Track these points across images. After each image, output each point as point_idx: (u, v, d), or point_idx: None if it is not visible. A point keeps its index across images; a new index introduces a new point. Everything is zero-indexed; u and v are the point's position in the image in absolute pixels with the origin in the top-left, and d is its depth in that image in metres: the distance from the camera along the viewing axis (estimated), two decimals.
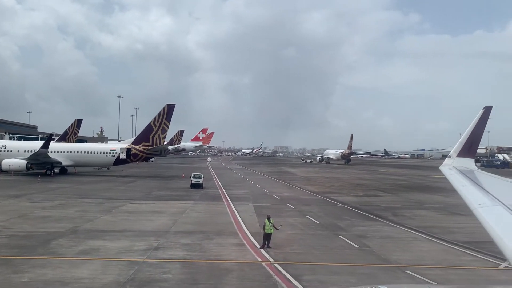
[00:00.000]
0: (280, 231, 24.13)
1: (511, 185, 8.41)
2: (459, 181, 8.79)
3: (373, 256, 19.05)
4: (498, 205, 6.44)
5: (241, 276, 15.48)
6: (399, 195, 46.42)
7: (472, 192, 7.65)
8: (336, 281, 15.24)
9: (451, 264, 18.13)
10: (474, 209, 6.58)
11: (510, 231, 5.39)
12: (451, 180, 9.20)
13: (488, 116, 11.23)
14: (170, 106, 68.59)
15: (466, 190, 7.95)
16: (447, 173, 9.98)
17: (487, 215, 6.13)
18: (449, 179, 9.39)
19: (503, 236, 5.25)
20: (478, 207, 6.54)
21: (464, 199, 7.43)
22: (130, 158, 68.30)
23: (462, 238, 23.54)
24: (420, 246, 21.54)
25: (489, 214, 6.14)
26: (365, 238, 22.87)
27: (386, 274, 16.36)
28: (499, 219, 5.87)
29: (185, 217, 28.80)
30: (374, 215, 31.48)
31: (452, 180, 9.16)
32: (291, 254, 19.12)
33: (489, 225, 5.78)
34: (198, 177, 48.89)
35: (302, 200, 40.60)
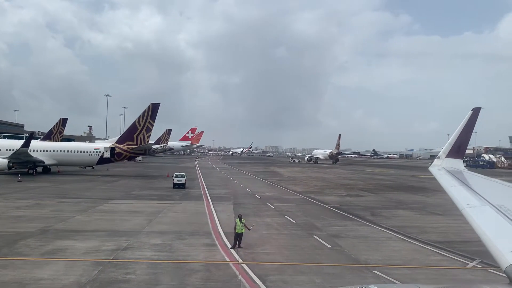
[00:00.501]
0: (254, 231, 24.05)
1: (499, 185, 8.48)
2: (448, 182, 8.84)
3: (343, 256, 19.02)
4: (486, 205, 6.51)
5: (206, 277, 15.30)
6: (381, 195, 46.63)
7: (460, 193, 7.67)
8: (301, 281, 15.14)
9: (420, 263, 18.16)
10: (463, 209, 6.63)
11: (497, 231, 5.44)
12: (440, 181, 9.24)
13: (476, 117, 11.31)
14: (154, 105, 68.05)
15: (454, 190, 7.97)
16: (436, 173, 10.03)
17: (475, 215, 6.18)
18: (438, 179, 9.46)
19: (491, 236, 5.29)
20: (467, 207, 6.58)
21: (453, 199, 7.44)
22: (114, 157, 67.60)
23: (435, 238, 23.65)
24: (392, 246, 21.58)
25: (477, 214, 6.19)
26: (338, 238, 22.85)
27: (353, 274, 16.32)
28: (487, 219, 5.92)
29: (162, 217, 28.51)
30: (352, 214, 31.52)
31: (441, 180, 9.20)
32: (261, 254, 18.99)
33: (477, 225, 5.82)
34: (181, 176, 48.54)
35: (284, 199, 40.53)
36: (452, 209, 34.08)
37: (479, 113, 11.33)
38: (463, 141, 11.22)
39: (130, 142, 67.57)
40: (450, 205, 31.45)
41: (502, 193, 7.91)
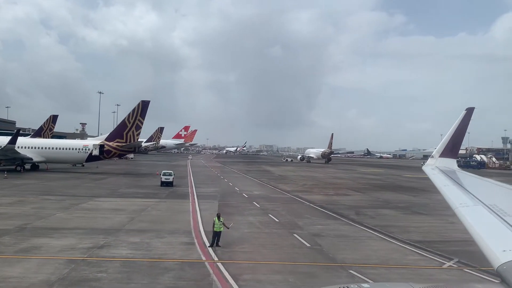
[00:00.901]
0: (235, 230, 23.97)
1: (491, 185, 8.56)
2: (441, 181, 8.89)
3: (321, 255, 18.94)
4: (479, 205, 6.54)
5: (178, 276, 15.14)
6: (368, 194, 46.69)
7: (453, 192, 7.74)
8: (274, 281, 15.03)
9: (396, 263, 18.13)
10: (456, 209, 6.69)
11: (489, 231, 5.47)
12: (434, 180, 9.28)
13: (470, 117, 11.37)
14: (144, 103, 67.67)
15: (448, 189, 8.01)
16: (429, 173, 10.10)
17: (468, 215, 6.22)
18: (432, 178, 9.51)
19: (483, 235, 5.31)
20: (460, 207, 6.64)
21: (446, 198, 7.53)
22: (103, 155, 67.15)
23: (416, 237, 23.66)
24: (371, 245, 21.54)
25: (470, 214, 6.24)
26: (319, 237, 22.78)
27: (328, 273, 16.25)
28: (480, 219, 5.95)
29: (144, 215, 28.29)
30: (337, 213, 31.50)
31: (435, 180, 9.25)
32: (238, 253, 18.87)
33: (469, 225, 5.84)
34: (168, 174, 48.25)
35: (270, 198, 40.44)
36: (436, 208, 34.66)
37: (473, 113, 11.40)
38: (457, 141, 11.31)
39: (119, 139, 67.14)
40: (435, 205, 32.06)
41: (495, 192, 8.00)
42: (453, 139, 11.17)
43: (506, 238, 5.03)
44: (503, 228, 5.33)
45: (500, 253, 4.57)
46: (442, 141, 11.48)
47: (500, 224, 5.49)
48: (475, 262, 18.47)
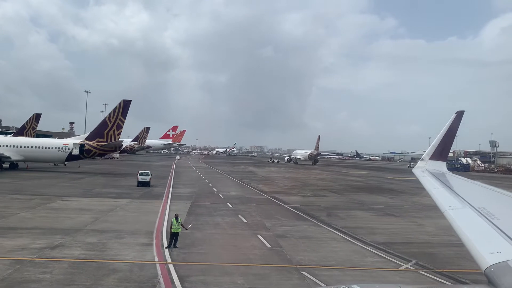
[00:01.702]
0: (198, 230, 23.72)
1: (480, 188, 8.67)
2: (430, 184, 8.98)
3: (278, 257, 18.70)
4: (467, 207, 6.60)
5: (124, 277, 14.76)
6: (345, 196, 46.66)
7: (443, 195, 7.83)
8: (222, 282, 14.75)
9: (353, 265, 17.96)
10: (445, 211, 6.74)
11: (478, 233, 5.53)
12: (423, 182, 9.36)
13: (460, 120, 11.43)
14: (126, 102, 67.01)
15: (437, 192, 8.13)
16: (419, 175, 10.19)
17: (456, 217, 6.27)
18: (421, 181, 9.58)
19: (471, 237, 5.38)
20: (449, 209, 6.69)
21: (435, 201, 7.58)
22: (84, 154, 66.32)
23: (381, 239, 23.55)
24: (333, 246, 21.37)
25: (459, 216, 6.29)
26: (283, 238, 22.56)
27: (280, 275, 16.00)
28: (468, 221, 6.02)
29: (111, 215, 27.82)
30: (308, 215, 31.34)
31: (424, 182, 9.34)
32: (194, 254, 18.53)
33: (458, 227, 5.90)
34: (146, 174, 47.69)
35: (246, 199, 40.17)
36: (409, 210, 34.89)
37: (463, 116, 11.52)
38: (447, 144, 11.42)
39: (100, 139, 66.37)
40: (409, 207, 32.25)
41: (483, 195, 8.08)
42: (443, 142, 11.29)
43: (493, 241, 5.08)
44: (491, 231, 5.38)
45: (488, 255, 4.62)
46: (432, 144, 11.57)
47: (488, 226, 5.55)
48: (432, 264, 18.49)
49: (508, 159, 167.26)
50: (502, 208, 6.95)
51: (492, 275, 4.23)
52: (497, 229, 5.39)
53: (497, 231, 5.33)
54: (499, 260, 4.44)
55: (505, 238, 5.05)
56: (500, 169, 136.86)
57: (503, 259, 4.43)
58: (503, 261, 4.39)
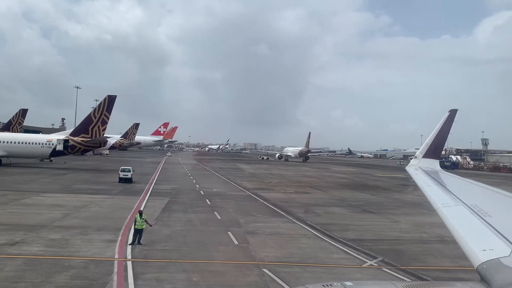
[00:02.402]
0: (168, 227, 23.46)
1: (473, 186, 8.73)
2: (424, 181, 9.06)
3: (243, 253, 18.47)
4: (460, 205, 6.67)
5: (77, 274, 14.44)
6: (328, 193, 46.57)
7: (436, 192, 7.93)
8: (177, 280, 14.49)
9: (317, 261, 17.77)
10: (438, 209, 6.80)
11: (470, 230, 5.58)
12: (416, 180, 9.44)
13: (453, 118, 11.53)
14: (111, 98, 66.36)
15: (430, 190, 8.21)
16: (412, 173, 10.25)
17: (449, 215, 6.33)
18: (415, 179, 9.66)
19: (464, 235, 5.42)
20: (441, 207, 6.75)
21: (428, 198, 7.64)
22: (68, 150, 65.61)
23: (352, 235, 23.43)
24: (302, 243, 21.19)
25: (452, 214, 6.35)
26: (253, 235, 22.35)
27: (239, 272, 15.76)
28: (461, 219, 6.07)
29: (83, 211, 27.43)
30: (285, 211, 31.17)
31: (417, 180, 9.42)
32: (157, 251, 18.23)
33: (451, 224, 5.94)
34: (127, 171, 47.25)
35: (227, 196, 39.91)
36: (388, 207, 34.88)
37: (456, 115, 11.57)
38: (440, 142, 11.50)
39: (84, 134, 65.73)
40: (390, 203, 32.19)
41: (476, 193, 8.14)
42: (436, 140, 11.37)
43: (486, 238, 5.11)
44: (483, 228, 5.43)
45: (480, 253, 4.66)
46: (425, 142, 11.65)
47: (481, 224, 5.60)
48: (398, 261, 18.36)
49: (497, 157, 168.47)
50: (494, 205, 7.04)
51: (485, 272, 4.24)
52: (489, 226, 5.43)
53: (489, 228, 5.38)
54: (492, 257, 4.48)
55: (498, 236, 5.09)
56: (489, 167, 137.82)
57: (495, 256, 4.47)
58: (495, 258, 4.42)
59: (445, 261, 18.75)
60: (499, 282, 4.01)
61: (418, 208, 36.09)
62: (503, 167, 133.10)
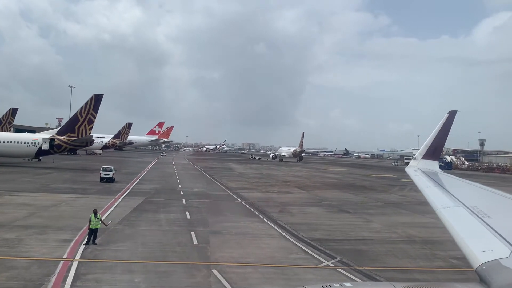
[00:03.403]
0: (132, 227, 23.07)
1: (473, 187, 8.76)
2: (423, 182, 9.09)
3: (197, 254, 18.04)
4: (459, 206, 6.66)
5: (15, 275, 14.01)
6: (311, 192, 46.17)
7: (435, 193, 7.95)
8: (117, 281, 14.07)
9: (272, 262, 17.33)
10: (437, 210, 6.80)
11: (469, 232, 5.57)
12: (416, 181, 9.45)
13: (452, 120, 11.58)
14: (98, 97, 65.89)
15: (429, 191, 8.24)
16: (412, 174, 10.31)
17: (449, 216, 6.32)
18: (414, 180, 9.68)
19: (463, 236, 5.42)
20: (441, 208, 6.76)
21: (428, 199, 7.65)
22: (54, 149, 65.13)
23: (319, 235, 23.07)
24: (264, 243, 20.79)
25: (451, 215, 6.34)
26: (216, 235, 21.96)
27: (187, 273, 15.36)
28: (460, 220, 6.06)
29: (51, 211, 27.03)
30: (260, 211, 30.79)
31: (417, 181, 9.45)
32: (110, 251, 17.82)
33: (450, 225, 5.94)
34: (109, 170, 46.79)
35: (206, 195, 39.47)
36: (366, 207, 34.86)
37: (455, 116, 11.58)
38: (439, 143, 11.55)
39: (71, 133, 65.27)
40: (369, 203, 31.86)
41: (476, 194, 8.17)
42: (436, 142, 11.41)
43: (485, 239, 5.11)
44: (483, 229, 5.43)
45: (480, 254, 4.66)
46: (425, 143, 11.68)
47: (480, 225, 5.60)
48: (357, 261, 17.98)
49: (491, 158, 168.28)
50: (494, 207, 7.03)
51: (484, 274, 4.23)
52: (489, 227, 5.42)
53: (489, 229, 5.36)
54: (491, 258, 4.47)
55: (497, 237, 5.07)
56: (483, 167, 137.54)
57: (494, 258, 4.46)
58: (494, 260, 4.42)
59: (405, 262, 18.40)
60: (499, 283, 3.96)
61: (396, 208, 35.76)
62: (497, 168, 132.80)
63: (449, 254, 19.94)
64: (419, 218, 30.75)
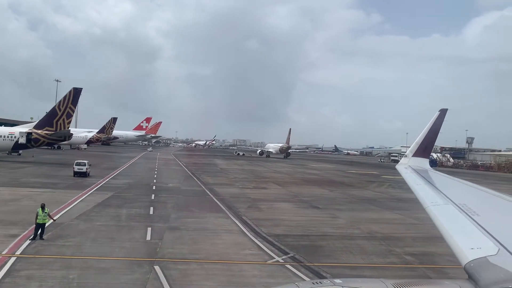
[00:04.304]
0: (89, 222, 22.70)
1: (462, 185, 8.78)
2: (413, 180, 9.11)
3: (146, 250, 17.65)
4: (449, 204, 6.71)
5: None
6: (286, 188, 45.95)
7: (425, 191, 7.95)
8: (50, 277, 13.59)
9: (221, 258, 17.01)
10: (427, 207, 6.82)
11: (458, 229, 5.61)
12: (406, 179, 9.46)
13: (443, 118, 11.62)
14: (76, 90, 64.83)
15: (420, 188, 8.25)
16: (402, 172, 10.33)
17: (438, 213, 6.38)
18: (405, 177, 9.70)
19: (452, 233, 5.47)
20: (431, 205, 6.81)
21: (418, 197, 7.67)
22: (31, 143, 64.01)
23: (279, 231, 22.81)
24: (220, 239, 20.43)
25: (441, 212, 6.39)
26: (173, 230, 21.58)
27: (127, 269, 14.93)
28: (449, 217, 6.10)
29: (10, 205, 26.41)
30: (228, 206, 30.44)
31: (407, 178, 9.46)
32: (55, 246, 17.33)
33: (439, 223, 5.97)
34: (82, 164, 46.02)
35: (178, 191, 38.96)
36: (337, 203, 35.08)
37: (446, 114, 11.63)
38: (430, 141, 11.59)
39: (49, 127, 64.15)
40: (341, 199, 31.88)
41: (465, 192, 8.20)
42: (426, 139, 11.43)
43: (474, 237, 5.15)
44: (472, 227, 5.47)
45: (468, 251, 4.72)
46: (415, 141, 11.67)
47: (469, 223, 5.65)
48: (310, 257, 17.73)
49: (476, 155, 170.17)
50: (482, 204, 7.10)
51: (472, 271, 4.28)
52: (477, 225, 5.47)
53: (477, 227, 5.41)
54: (479, 255, 4.52)
55: (485, 234, 5.12)
56: (467, 165, 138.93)
57: (483, 255, 4.51)
58: (483, 257, 4.46)
59: (358, 258, 18.21)
60: (487, 280, 4.01)
61: (368, 205, 35.71)
62: (481, 165, 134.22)
63: (405, 250, 19.90)
64: (387, 215, 30.73)
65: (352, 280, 4.33)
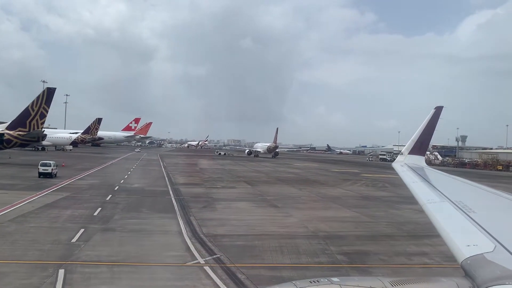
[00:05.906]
0: (21, 224, 22.16)
1: (458, 182, 8.82)
2: (409, 178, 9.14)
3: (64, 252, 16.83)
4: (445, 201, 6.73)
5: None
6: (256, 187, 45.25)
7: (421, 189, 7.97)
8: None
9: (139, 260, 16.26)
10: (423, 205, 6.84)
11: (455, 226, 5.63)
12: (402, 177, 9.47)
13: (439, 115, 11.66)
14: (50, 90, 63.91)
15: (416, 186, 8.27)
16: (399, 169, 10.36)
17: (434, 211, 6.38)
18: (401, 175, 9.76)
19: (449, 230, 5.48)
20: (427, 203, 6.83)
21: (414, 195, 7.68)
22: (3, 144, 62.94)
23: (221, 231, 22.15)
24: (151, 240, 19.72)
25: (437, 210, 6.40)
26: (107, 232, 20.90)
27: (29, 273, 14.13)
28: (446, 215, 6.12)
29: None
30: (182, 207, 29.75)
31: (403, 176, 9.50)
32: None
33: (436, 220, 5.98)
34: (48, 165, 45.07)
35: (140, 191, 38.08)
36: (301, 201, 34.71)
37: (441, 111, 11.66)
38: (426, 138, 11.64)
39: (22, 128, 63.10)
40: (306, 198, 31.12)
41: (461, 189, 8.22)
42: (422, 137, 11.49)
43: (470, 234, 5.16)
44: (468, 224, 5.49)
45: (464, 248, 4.72)
46: (411, 139, 11.72)
47: (465, 220, 5.67)
48: (236, 257, 17.06)
49: (464, 153, 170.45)
50: (478, 201, 7.13)
51: (469, 268, 4.30)
52: (473, 222, 5.50)
53: (473, 224, 5.44)
54: (476, 252, 4.52)
55: (481, 231, 5.13)
56: (455, 163, 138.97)
57: (479, 252, 4.51)
58: (479, 254, 4.47)
59: (286, 258, 17.53)
60: (483, 277, 4.03)
61: (330, 203, 35.13)
62: (468, 163, 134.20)
63: (341, 249, 19.29)
64: (344, 213, 30.13)
65: (349, 279, 4.17)
